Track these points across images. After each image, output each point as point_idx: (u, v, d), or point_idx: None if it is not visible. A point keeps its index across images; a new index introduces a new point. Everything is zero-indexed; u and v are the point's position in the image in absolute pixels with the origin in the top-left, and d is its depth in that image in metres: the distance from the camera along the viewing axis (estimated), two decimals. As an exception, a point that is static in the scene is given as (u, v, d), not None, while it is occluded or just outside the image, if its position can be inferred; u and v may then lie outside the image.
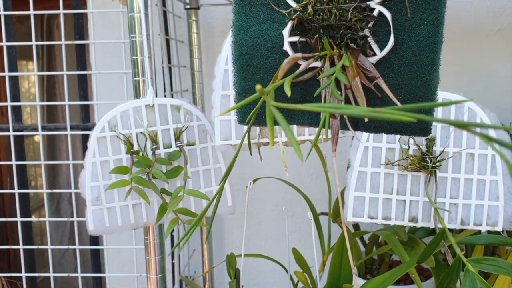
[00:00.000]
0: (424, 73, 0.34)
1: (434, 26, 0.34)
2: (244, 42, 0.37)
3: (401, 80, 0.35)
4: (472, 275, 0.51)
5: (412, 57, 0.34)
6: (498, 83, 0.94)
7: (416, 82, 0.34)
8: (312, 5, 0.34)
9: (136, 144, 0.63)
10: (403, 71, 0.35)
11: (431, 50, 0.34)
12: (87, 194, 0.63)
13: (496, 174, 0.60)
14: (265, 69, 0.36)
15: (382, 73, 0.35)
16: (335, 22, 0.34)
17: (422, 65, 0.34)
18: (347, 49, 0.34)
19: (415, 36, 0.34)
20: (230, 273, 0.73)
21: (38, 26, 1.83)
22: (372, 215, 0.61)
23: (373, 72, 0.34)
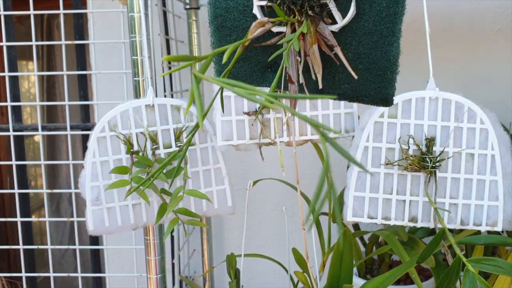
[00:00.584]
0: (384, 43, 0.35)
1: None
2: (218, 4, 0.38)
3: (363, 49, 0.35)
4: (472, 275, 0.51)
5: (372, 27, 0.35)
6: (498, 83, 0.94)
7: (376, 52, 0.35)
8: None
9: (136, 144, 0.63)
10: (365, 41, 0.35)
11: (391, 21, 0.34)
12: (87, 194, 0.63)
13: (495, 174, 0.60)
14: (237, 31, 0.37)
15: (345, 41, 0.35)
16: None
17: (382, 35, 0.35)
18: (307, 16, 0.35)
19: (376, 6, 0.34)
20: (230, 273, 0.73)
21: (38, 26, 1.83)
22: (372, 215, 0.61)
23: (331, 40, 0.35)
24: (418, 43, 0.92)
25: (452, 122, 0.60)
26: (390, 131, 0.60)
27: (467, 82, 0.95)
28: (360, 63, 0.35)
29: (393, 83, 0.36)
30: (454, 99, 0.60)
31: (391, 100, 0.37)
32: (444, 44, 0.95)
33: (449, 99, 0.60)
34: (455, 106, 0.60)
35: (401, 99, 0.60)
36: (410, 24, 0.93)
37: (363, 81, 0.36)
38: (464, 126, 0.59)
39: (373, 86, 0.36)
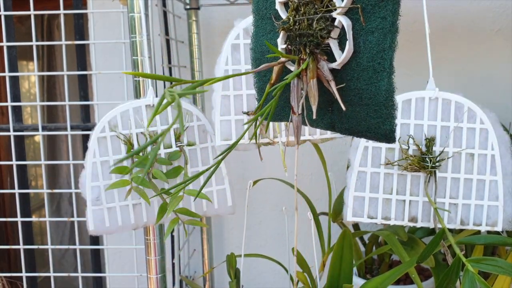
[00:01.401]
0: (376, 78, 0.37)
1: (383, 34, 0.36)
2: (256, 48, 0.43)
3: (361, 85, 0.37)
4: (472, 275, 0.51)
5: (366, 63, 0.37)
6: (498, 83, 0.94)
7: (371, 87, 0.37)
8: (292, 16, 0.39)
9: (137, 144, 0.63)
10: (362, 77, 0.37)
11: (381, 57, 0.36)
12: (88, 194, 0.63)
13: (495, 174, 0.60)
14: (271, 72, 0.42)
15: (347, 78, 0.38)
16: (305, 31, 0.39)
17: (375, 71, 0.37)
18: (310, 55, 0.39)
19: (368, 43, 0.37)
20: (230, 273, 0.73)
21: (39, 26, 1.83)
22: (371, 215, 0.61)
23: (327, 76, 0.38)
24: (418, 43, 0.92)
25: (452, 122, 0.60)
26: (390, 131, 0.60)
27: (467, 82, 0.95)
28: (360, 98, 0.38)
29: (390, 119, 0.37)
30: (454, 99, 0.60)
31: (392, 136, 0.38)
32: (444, 44, 0.95)
33: (449, 99, 0.60)
34: (455, 106, 0.60)
35: (401, 99, 0.60)
36: (410, 24, 0.93)
37: (364, 117, 0.38)
38: (464, 126, 0.60)
39: (373, 122, 0.38)
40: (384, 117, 0.37)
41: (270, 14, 0.42)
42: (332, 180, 0.78)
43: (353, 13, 0.37)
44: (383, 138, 0.38)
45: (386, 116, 0.37)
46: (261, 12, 0.42)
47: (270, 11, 0.42)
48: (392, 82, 0.37)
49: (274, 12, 0.41)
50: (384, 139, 0.38)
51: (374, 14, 0.36)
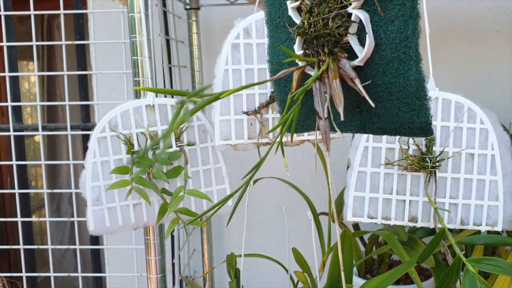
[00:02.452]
0: (404, 69, 0.35)
1: (404, 21, 0.35)
2: (273, 59, 0.42)
3: (387, 79, 0.35)
4: (472, 275, 0.51)
5: (390, 55, 0.35)
6: (498, 83, 0.94)
7: (399, 79, 0.35)
8: (306, 19, 0.38)
9: (137, 144, 0.63)
10: (387, 70, 0.35)
11: (405, 45, 0.35)
12: (88, 194, 0.63)
13: (495, 174, 0.60)
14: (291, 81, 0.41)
15: (371, 74, 0.36)
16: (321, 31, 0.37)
17: (401, 61, 0.35)
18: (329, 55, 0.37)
19: (389, 33, 0.35)
20: (230, 273, 0.73)
21: (39, 26, 1.83)
22: (372, 215, 0.61)
23: (350, 74, 0.36)
24: (418, 43, 0.92)
25: (452, 122, 0.60)
26: (390, 131, 0.60)
27: (467, 82, 0.95)
28: (389, 93, 0.36)
29: (425, 110, 0.36)
30: (454, 99, 0.60)
31: (429, 128, 0.36)
32: (444, 44, 0.95)
33: (449, 99, 0.60)
34: (455, 106, 0.60)
35: (401, 99, 0.60)
36: (410, 24, 0.93)
37: (396, 112, 0.36)
38: (464, 126, 0.60)
39: (406, 116, 0.36)
40: (418, 109, 0.35)
41: (284, 22, 0.40)
42: (332, 180, 0.78)
43: (369, 5, 0.35)
44: (419, 132, 0.36)
45: (420, 108, 0.35)
46: (275, 22, 0.41)
47: (283, 19, 0.40)
48: (420, 70, 0.35)
49: (288, 19, 0.40)
50: (420, 133, 0.36)
51: (392, 2, 0.35)
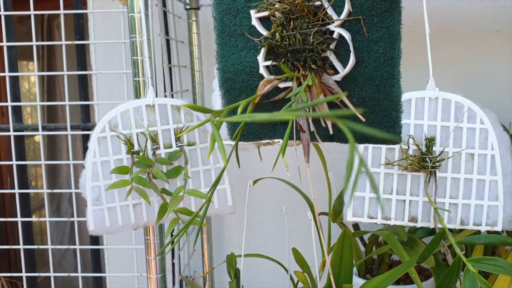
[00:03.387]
0: (385, 86, 0.37)
1: (390, 43, 0.36)
2: (226, 68, 0.41)
3: (366, 94, 0.37)
4: (472, 275, 0.51)
5: (373, 72, 0.37)
6: (498, 83, 0.94)
7: (379, 94, 0.37)
8: (279, 32, 0.38)
9: (137, 144, 0.63)
10: (367, 86, 0.37)
11: (389, 65, 0.37)
12: (88, 194, 0.63)
13: (495, 174, 0.60)
14: (247, 91, 0.40)
15: (349, 88, 0.38)
16: (299, 46, 0.37)
17: (383, 79, 0.37)
18: (311, 70, 0.37)
19: (374, 53, 0.37)
20: (230, 273, 0.73)
21: (39, 26, 1.83)
22: (371, 215, 0.61)
23: (335, 89, 0.37)
24: (418, 43, 0.92)
25: (452, 122, 0.60)
26: (390, 131, 0.60)
27: (467, 82, 0.95)
28: (365, 106, 0.38)
29: (398, 122, 0.38)
30: (454, 99, 0.60)
31: (399, 138, 0.39)
32: (444, 44, 0.95)
33: (449, 99, 0.60)
34: (455, 106, 0.60)
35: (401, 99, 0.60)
36: (410, 24, 0.93)
37: (370, 124, 0.38)
38: (464, 126, 0.60)
39: (380, 127, 0.38)
40: (392, 121, 0.38)
41: (241, 31, 0.39)
42: (332, 180, 0.78)
43: (351, 24, 0.36)
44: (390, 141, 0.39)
45: (395, 120, 0.38)
46: (229, 29, 0.40)
47: (241, 27, 0.39)
48: (400, 87, 0.38)
49: (247, 28, 0.39)
50: (390, 142, 0.39)
51: (378, 25, 0.36)
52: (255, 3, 0.38)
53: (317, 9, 0.36)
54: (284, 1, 0.37)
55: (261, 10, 0.38)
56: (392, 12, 0.36)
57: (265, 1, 0.38)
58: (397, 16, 0.36)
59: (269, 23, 0.38)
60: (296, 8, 0.37)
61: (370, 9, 0.36)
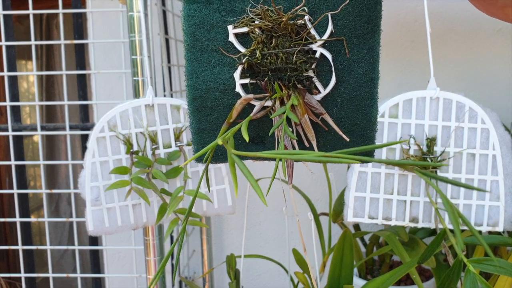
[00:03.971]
0: (364, 106, 0.38)
1: (371, 64, 0.37)
2: (197, 85, 0.39)
3: (344, 114, 0.38)
4: (473, 276, 0.50)
5: (352, 93, 0.37)
6: (498, 83, 0.94)
7: (358, 115, 0.38)
8: (259, 50, 0.36)
9: (136, 144, 0.63)
10: (346, 106, 0.38)
11: (369, 86, 0.37)
12: (87, 195, 0.62)
13: (497, 174, 0.59)
14: (219, 110, 0.39)
15: (327, 108, 0.38)
16: (282, 65, 0.36)
17: (362, 99, 0.37)
18: (294, 89, 0.37)
19: (354, 73, 0.37)
20: (230, 274, 0.73)
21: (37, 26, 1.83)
22: (372, 215, 0.61)
23: (319, 109, 0.37)
24: (418, 42, 0.92)
25: (453, 122, 0.59)
26: (390, 131, 0.60)
27: (468, 81, 0.95)
28: (343, 126, 0.38)
29: (373, 140, 0.39)
30: (455, 99, 0.59)
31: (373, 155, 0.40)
32: (444, 43, 0.94)
33: (450, 98, 0.59)
34: (456, 106, 0.59)
35: (402, 99, 0.60)
36: (410, 24, 0.93)
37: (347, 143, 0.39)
38: (465, 126, 0.59)
39: (356, 146, 0.39)
40: (368, 140, 0.39)
41: (215, 46, 0.37)
42: (332, 180, 0.78)
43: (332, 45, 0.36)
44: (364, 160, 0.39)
45: (370, 139, 0.39)
46: (201, 44, 0.38)
47: (215, 42, 0.37)
48: (377, 107, 0.38)
49: (222, 44, 0.37)
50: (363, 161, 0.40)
51: (359, 46, 0.36)
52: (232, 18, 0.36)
53: (300, 28, 0.36)
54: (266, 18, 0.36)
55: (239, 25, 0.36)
56: (373, 34, 0.36)
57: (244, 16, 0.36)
58: (377, 38, 0.37)
59: (246, 40, 0.37)
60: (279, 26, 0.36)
61: (352, 30, 0.36)
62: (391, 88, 0.93)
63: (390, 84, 0.92)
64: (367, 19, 0.35)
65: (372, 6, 0.35)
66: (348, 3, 0.35)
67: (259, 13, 0.36)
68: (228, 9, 0.36)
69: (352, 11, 0.35)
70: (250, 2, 0.36)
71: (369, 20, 0.36)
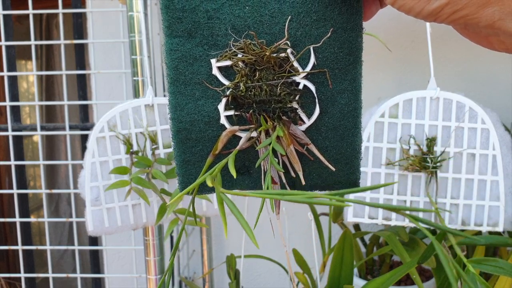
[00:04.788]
0: (348, 135, 0.38)
1: (353, 94, 0.38)
2: (181, 118, 0.39)
3: (329, 143, 0.38)
4: (473, 276, 0.50)
5: (336, 123, 0.38)
6: (499, 82, 0.94)
7: (342, 144, 0.38)
8: (243, 82, 0.37)
9: (136, 144, 0.63)
10: (330, 135, 0.38)
11: (353, 115, 0.38)
12: (87, 195, 0.62)
13: (497, 174, 0.59)
14: (203, 141, 0.39)
15: (312, 138, 0.38)
16: (266, 97, 0.37)
17: (346, 128, 0.38)
18: (279, 121, 0.38)
19: (337, 104, 0.37)
20: (230, 274, 0.73)
21: (37, 26, 1.83)
22: (372, 215, 0.61)
23: (304, 140, 0.38)
24: (418, 42, 0.92)
25: (453, 122, 0.59)
26: (391, 131, 0.60)
27: (468, 81, 0.95)
28: (328, 155, 0.39)
29: (358, 168, 0.40)
30: (455, 99, 0.59)
31: (358, 183, 0.41)
32: (445, 43, 0.94)
33: (450, 98, 0.59)
34: (456, 106, 0.59)
35: (402, 99, 0.60)
36: (410, 23, 0.93)
37: (332, 171, 0.39)
38: (465, 126, 0.59)
39: (342, 174, 0.39)
40: (354, 168, 0.39)
41: (198, 80, 0.37)
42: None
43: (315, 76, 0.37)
44: (349, 186, 0.40)
45: (356, 167, 0.39)
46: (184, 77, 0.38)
47: (199, 75, 0.37)
48: (361, 136, 0.39)
49: (206, 77, 0.37)
50: (349, 187, 0.40)
51: (341, 77, 0.37)
52: (215, 52, 0.37)
53: (282, 61, 0.37)
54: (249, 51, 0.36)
55: (222, 59, 0.37)
56: (355, 65, 0.37)
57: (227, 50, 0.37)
58: (359, 69, 0.37)
59: (230, 72, 0.37)
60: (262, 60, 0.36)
61: (334, 62, 0.37)
62: (391, 88, 0.93)
63: (390, 84, 0.92)
64: (349, 51, 0.36)
65: (353, 39, 0.36)
66: (330, 36, 0.36)
67: (242, 47, 0.36)
68: (210, 43, 0.37)
69: (333, 44, 0.36)
70: (232, 36, 0.36)
71: (351, 52, 0.36)
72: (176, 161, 0.40)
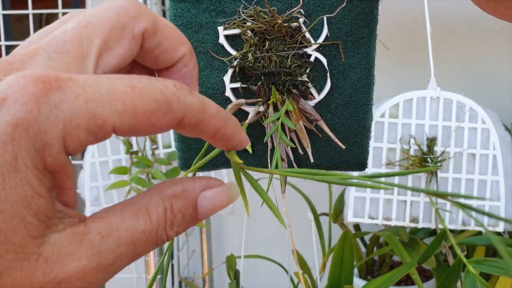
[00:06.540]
0: (359, 113, 0.36)
1: (367, 69, 0.36)
2: None
3: (339, 120, 0.36)
4: (473, 276, 0.50)
5: (347, 99, 0.36)
6: (499, 82, 0.94)
7: (352, 121, 0.36)
8: (252, 53, 0.35)
9: (136, 144, 0.63)
10: (340, 112, 0.36)
11: (365, 92, 0.36)
12: (86, 195, 0.62)
13: (497, 174, 0.59)
14: None
15: (320, 114, 0.36)
16: (275, 69, 0.35)
17: (358, 105, 0.36)
18: (289, 95, 0.36)
19: (350, 79, 0.36)
20: (230, 274, 0.73)
21: (37, 26, 1.83)
22: (372, 215, 0.61)
23: (314, 115, 0.36)
24: (418, 42, 0.92)
25: (453, 122, 0.59)
26: (391, 131, 0.60)
27: (468, 81, 0.95)
28: (337, 133, 0.37)
29: (367, 148, 0.38)
30: (456, 99, 0.59)
31: (366, 164, 0.39)
32: (444, 43, 0.94)
33: (451, 98, 0.59)
34: (457, 105, 0.59)
35: (402, 99, 0.59)
36: (410, 23, 0.93)
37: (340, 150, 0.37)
38: (465, 126, 0.59)
39: (350, 153, 0.37)
40: (362, 147, 0.37)
41: (204, 49, 0.35)
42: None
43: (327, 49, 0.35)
44: (357, 167, 0.38)
45: (365, 146, 0.37)
46: None
47: (204, 44, 0.35)
48: (372, 113, 0.37)
49: (211, 46, 0.35)
50: (357, 168, 0.38)
51: (355, 51, 0.35)
52: (222, 19, 0.34)
53: (294, 31, 0.35)
54: (259, 19, 0.34)
55: (230, 27, 0.34)
56: (370, 38, 0.35)
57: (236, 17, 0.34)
58: (373, 42, 0.36)
59: (238, 42, 0.35)
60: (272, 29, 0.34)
61: (348, 34, 0.35)
62: (391, 88, 0.93)
63: (390, 84, 0.92)
64: (364, 23, 0.35)
65: (368, 10, 0.34)
66: (345, 6, 0.34)
67: (252, 14, 0.34)
68: (218, 10, 0.34)
69: (348, 15, 0.34)
70: (242, 2, 0.34)
71: (366, 24, 0.35)
72: (176, 134, 0.38)
